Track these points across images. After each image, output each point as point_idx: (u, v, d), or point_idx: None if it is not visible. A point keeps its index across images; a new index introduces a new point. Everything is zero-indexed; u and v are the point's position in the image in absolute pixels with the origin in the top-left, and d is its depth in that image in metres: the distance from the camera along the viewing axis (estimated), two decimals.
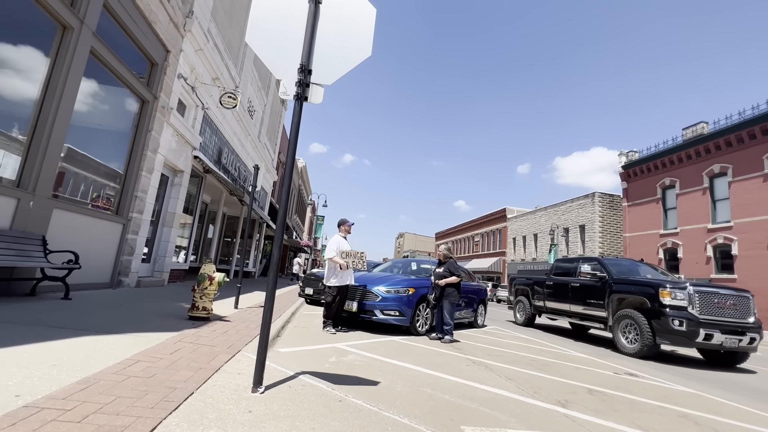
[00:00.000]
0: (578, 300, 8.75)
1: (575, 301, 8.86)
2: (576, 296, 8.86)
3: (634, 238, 26.14)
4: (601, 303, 8.01)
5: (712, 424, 3.33)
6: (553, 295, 9.77)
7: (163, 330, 3.78)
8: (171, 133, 7.99)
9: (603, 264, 8.54)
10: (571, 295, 9.04)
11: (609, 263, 8.61)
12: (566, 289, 9.27)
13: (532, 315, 10.84)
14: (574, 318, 8.95)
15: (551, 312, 9.89)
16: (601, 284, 8.14)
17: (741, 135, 19.99)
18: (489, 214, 46.36)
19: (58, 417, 1.74)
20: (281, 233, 2.61)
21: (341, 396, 2.59)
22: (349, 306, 6.33)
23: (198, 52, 8.64)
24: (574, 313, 8.91)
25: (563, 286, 9.46)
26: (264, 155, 17.17)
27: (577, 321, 8.86)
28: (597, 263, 8.69)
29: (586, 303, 8.44)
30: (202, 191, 10.84)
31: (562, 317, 9.50)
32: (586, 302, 8.46)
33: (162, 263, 8.55)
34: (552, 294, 9.85)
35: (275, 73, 2.96)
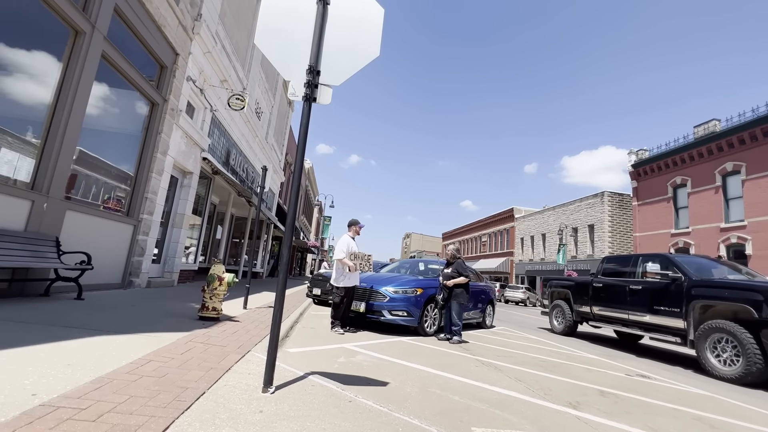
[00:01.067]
0: (640, 306, 7.23)
1: (636, 308, 7.32)
2: (637, 301, 7.34)
3: (645, 237, 25.77)
4: (675, 311, 6.51)
5: (728, 427, 3.27)
6: (604, 300, 8.19)
7: (174, 330, 3.82)
8: (180, 135, 8.07)
9: (675, 262, 7.00)
10: (630, 299, 7.48)
11: (682, 261, 7.08)
12: (622, 292, 7.72)
13: (574, 323, 9.20)
14: (632, 328, 7.39)
15: (600, 319, 8.29)
16: (674, 287, 6.64)
17: (755, 132, 19.59)
18: (496, 214, 46.08)
19: (74, 416, 1.76)
20: (291, 234, 2.62)
21: (351, 396, 2.59)
22: (357, 306, 6.33)
23: (206, 54, 8.72)
24: (633, 322, 7.36)
25: (618, 288, 7.87)
26: (271, 156, 17.27)
27: (637, 331, 7.30)
28: (667, 261, 7.13)
29: (653, 310, 6.91)
30: (210, 192, 10.93)
31: (615, 326, 7.94)
32: (652, 309, 6.94)
33: (172, 264, 8.64)
34: (602, 298, 8.26)
35: (284, 74, 2.97)
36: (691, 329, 6.22)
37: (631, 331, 7.46)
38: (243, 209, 15.14)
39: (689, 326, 6.27)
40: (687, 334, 6.30)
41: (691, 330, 6.24)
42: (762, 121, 19.19)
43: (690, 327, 6.25)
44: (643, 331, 7.19)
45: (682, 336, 6.42)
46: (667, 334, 6.70)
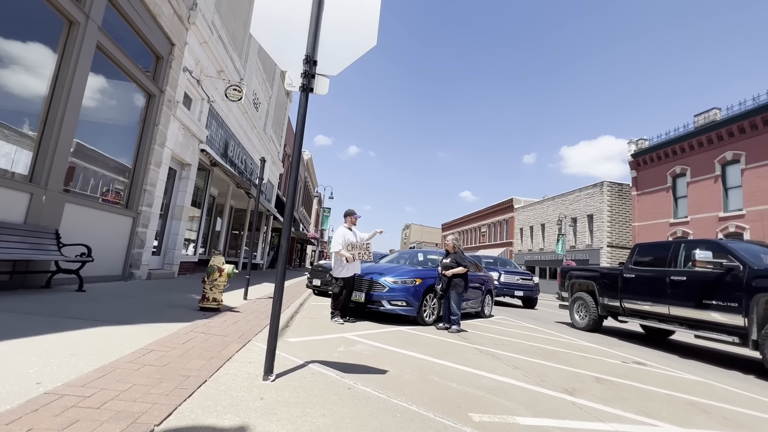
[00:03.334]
0: (684, 300, 6.33)
1: (679, 301, 6.42)
2: (681, 294, 6.42)
3: (644, 227, 25.84)
4: (732, 306, 5.65)
5: (721, 412, 3.33)
6: (637, 292, 7.30)
7: (175, 320, 3.86)
8: (178, 126, 8.03)
9: (729, 249, 6.05)
10: (672, 292, 6.57)
11: (737, 248, 6.13)
12: (661, 283, 6.81)
13: (599, 317, 8.29)
14: (673, 324, 6.54)
15: (632, 314, 7.45)
16: (730, 278, 5.76)
17: (755, 121, 19.51)
18: (496, 204, 46.10)
19: (78, 403, 1.80)
20: (289, 224, 2.64)
21: (350, 384, 2.64)
22: (357, 297, 6.38)
23: (203, 44, 8.63)
24: (675, 318, 6.47)
25: (656, 279, 6.95)
26: (270, 148, 17.20)
27: (679, 328, 6.41)
28: (719, 248, 6.18)
29: (702, 305, 6.03)
30: (209, 184, 10.92)
31: (650, 321, 7.04)
32: (700, 303, 6.06)
33: (172, 256, 8.67)
34: (635, 290, 7.37)
35: (280, 64, 2.96)
36: (754, 327, 5.34)
37: (671, 328, 6.57)
38: (242, 201, 15.13)
39: (751, 324, 5.37)
40: (748, 333, 5.41)
41: (753, 328, 5.34)
42: (762, 109, 19.09)
43: (752, 325, 5.36)
44: (687, 328, 6.25)
45: (741, 335, 5.53)
46: (720, 333, 5.79)
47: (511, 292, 13.68)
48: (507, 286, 13.69)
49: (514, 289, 13.68)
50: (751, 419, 3.22)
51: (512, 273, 14.11)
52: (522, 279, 14.02)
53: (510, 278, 13.79)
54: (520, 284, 13.86)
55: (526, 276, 14.30)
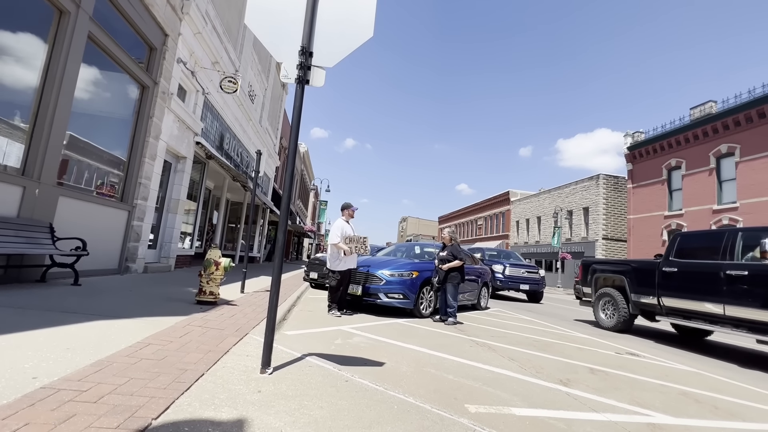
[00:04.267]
0: (747, 298, 5.43)
1: (739, 300, 5.51)
2: (741, 292, 5.50)
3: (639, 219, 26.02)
4: None
5: (712, 401, 3.39)
6: (681, 289, 6.40)
7: (172, 314, 3.86)
8: (172, 119, 7.94)
9: None
10: (728, 289, 5.64)
11: None
12: (714, 279, 5.87)
13: (630, 316, 7.42)
14: (727, 326, 5.65)
15: (673, 313, 6.53)
16: None
17: (750, 114, 19.59)
18: (492, 197, 46.17)
19: (75, 398, 1.80)
20: (286, 217, 2.63)
21: (348, 376, 2.65)
22: (354, 289, 6.40)
23: (197, 35, 8.50)
24: (732, 318, 5.58)
25: (707, 274, 6.03)
26: (266, 140, 17.08)
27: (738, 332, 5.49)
28: None
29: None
30: (205, 177, 10.84)
31: (697, 322, 6.10)
32: None
33: (168, 249, 8.64)
34: (677, 286, 6.47)
35: (276, 56, 2.92)
36: None
37: (725, 330, 5.65)
38: (238, 194, 15.06)
39: None
40: None
41: None
42: (757, 102, 19.15)
43: None
44: (748, 331, 5.41)
45: None
46: None
47: (516, 286, 13.09)
48: (512, 279, 13.14)
49: (520, 283, 13.09)
50: (742, 408, 3.28)
51: (517, 266, 13.55)
52: (528, 272, 13.41)
53: (515, 271, 13.23)
54: (526, 278, 13.22)
55: (531, 269, 13.73)
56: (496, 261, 13.70)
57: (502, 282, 12.82)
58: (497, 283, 12.67)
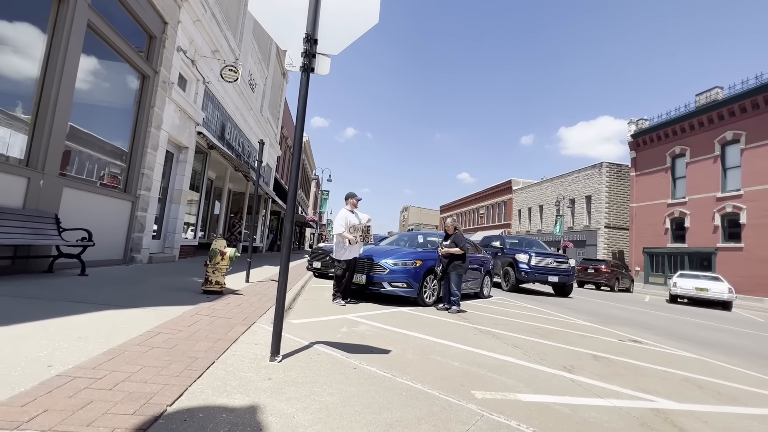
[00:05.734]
0: None
1: None
2: None
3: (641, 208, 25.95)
4: None
5: (715, 387, 3.43)
6: None
7: (179, 304, 3.90)
8: (173, 108, 7.89)
9: None
10: None
11: None
12: None
13: None
14: None
15: None
16: None
17: (757, 100, 19.34)
18: (494, 186, 46.03)
19: (90, 385, 1.83)
20: (293, 207, 2.63)
21: (355, 364, 2.69)
22: (358, 279, 6.43)
23: (196, 23, 8.39)
24: None
25: None
26: (267, 130, 16.98)
27: None
28: None
29: None
30: (207, 168, 10.83)
31: None
32: None
33: (172, 239, 8.68)
34: None
35: (280, 43, 2.88)
36: None
37: None
38: (240, 184, 15.05)
39: None
40: None
41: None
42: (765, 88, 18.88)
43: None
44: None
45: None
46: None
47: (543, 278, 11.51)
48: (539, 270, 11.51)
49: (548, 274, 11.50)
50: (744, 394, 3.32)
51: (544, 255, 11.95)
52: (556, 262, 11.88)
53: (542, 261, 11.66)
54: (555, 268, 11.65)
55: (561, 258, 12.17)
56: (518, 249, 12.34)
57: (527, 273, 11.45)
58: (521, 274, 11.45)
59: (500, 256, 12.48)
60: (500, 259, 12.39)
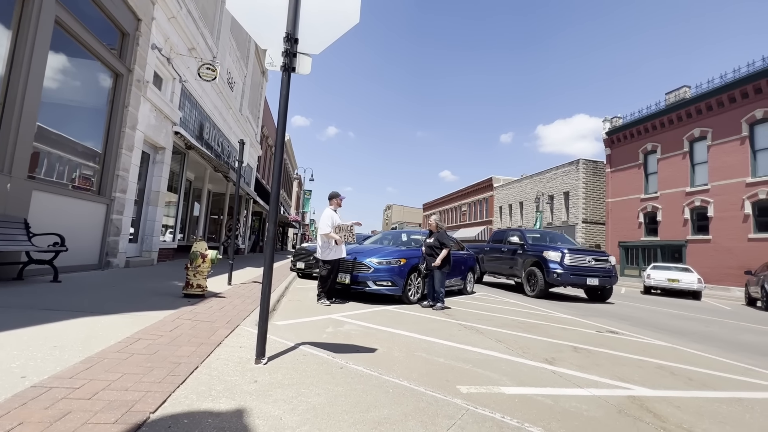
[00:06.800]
0: None
1: None
2: None
3: (616, 203, 26.80)
4: None
5: (687, 373, 3.60)
6: None
7: (159, 308, 3.80)
8: (149, 108, 7.66)
9: None
10: None
11: None
12: None
13: None
14: None
15: None
16: None
17: (722, 98, 20.25)
18: (476, 183, 46.64)
19: (68, 395, 1.77)
20: (276, 208, 2.61)
21: (342, 363, 2.69)
22: (343, 278, 6.42)
23: (171, 20, 8.16)
24: None
25: None
26: (247, 129, 16.70)
27: None
28: None
29: None
30: (185, 168, 10.56)
31: None
32: None
33: (150, 243, 8.44)
34: None
35: (260, 42, 2.85)
36: None
37: None
38: (220, 185, 14.75)
39: None
40: None
41: None
42: (728, 87, 19.80)
43: None
44: None
45: None
46: None
47: (581, 281, 9.27)
48: (576, 271, 9.26)
49: (587, 276, 9.28)
50: (713, 378, 3.49)
51: (580, 252, 9.70)
52: (595, 260, 9.64)
53: (578, 259, 9.43)
54: (594, 268, 9.48)
55: (600, 256, 9.87)
56: (545, 246, 10.20)
57: (560, 276, 9.14)
58: (553, 276, 9.18)
59: (520, 254, 10.56)
60: (521, 257, 10.52)
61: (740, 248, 18.82)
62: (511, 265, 11.06)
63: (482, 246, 13.46)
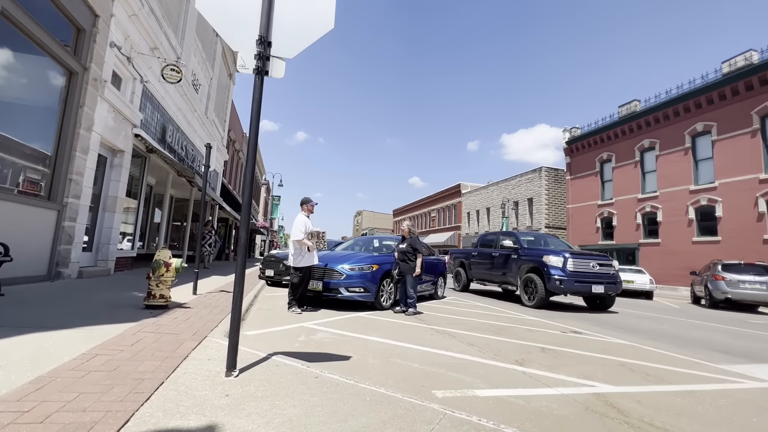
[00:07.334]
0: None
1: None
2: None
3: (576, 209, 28.20)
4: None
5: (644, 369, 3.82)
6: None
7: (119, 321, 3.57)
8: (107, 108, 7.24)
9: None
10: None
11: None
12: None
13: None
14: None
15: None
16: None
17: (667, 112, 21.93)
18: (445, 189, 47.55)
19: (16, 419, 1.62)
20: (248, 215, 2.53)
21: (317, 372, 2.64)
22: (314, 285, 6.32)
23: (132, 17, 7.79)
24: None
25: None
26: (213, 133, 16.15)
27: None
28: None
29: None
30: (146, 173, 10.03)
31: None
32: None
33: (106, 251, 7.93)
34: None
35: (231, 44, 2.78)
36: None
37: None
38: (184, 190, 14.13)
39: None
40: None
41: None
42: (673, 102, 21.48)
43: None
44: None
45: None
46: None
47: (586, 288, 8.44)
48: (580, 278, 8.44)
49: (592, 283, 8.49)
50: (668, 373, 3.73)
51: (583, 257, 8.87)
52: (600, 265, 8.85)
53: (582, 265, 8.63)
54: (599, 274, 8.74)
55: (603, 260, 9.06)
56: (544, 250, 9.31)
57: (563, 282, 8.29)
58: (555, 284, 8.30)
59: (515, 260, 9.68)
60: (515, 263, 9.63)
61: (686, 251, 20.30)
62: (505, 272, 10.06)
63: (468, 251, 12.62)
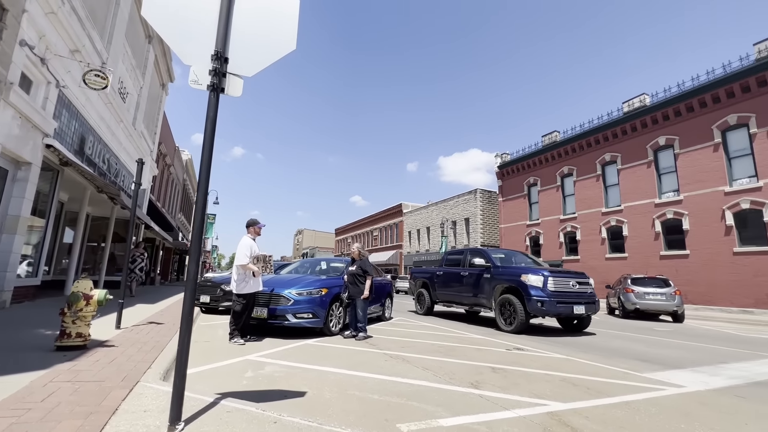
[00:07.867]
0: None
1: None
2: None
3: (508, 228, 30.30)
4: None
5: (585, 383, 4.09)
6: None
7: (23, 370, 2.98)
8: (11, 114, 6.28)
9: None
10: None
11: None
12: None
13: None
14: None
15: None
16: None
17: (582, 143, 24.82)
18: (386, 209, 48.33)
19: None
20: (199, 243, 2.30)
21: (275, 417, 2.41)
22: (259, 312, 5.93)
23: (49, 15, 6.95)
24: None
25: None
26: (141, 146, 14.78)
27: None
28: None
29: None
30: (57, 188, 8.79)
31: None
32: None
33: (2, 280, 6.70)
34: None
35: (182, 57, 2.57)
36: None
37: None
38: (103, 208, 12.64)
39: None
40: None
41: None
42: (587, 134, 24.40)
43: None
44: None
45: None
46: None
47: (568, 309, 7.79)
48: (561, 298, 7.81)
49: (573, 303, 7.88)
50: (605, 386, 4.02)
51: (562, 275, 8.29)
52: (578, 283, 8.30)
53: (562, 284, 8.03)
54: (579, 293, 8.18)
55: (581, 278, 8.50)
56: (521, 268, 8.55)
57: (546, 304, 7.60)
58: (536, 305, 7.61)
59: (488, 279, 8.87)
60: (488, 283, 8.84)
61: (601, 266, 22.70)
62: (476, 293, 9.20)
63: (432, 270, 11.54)
